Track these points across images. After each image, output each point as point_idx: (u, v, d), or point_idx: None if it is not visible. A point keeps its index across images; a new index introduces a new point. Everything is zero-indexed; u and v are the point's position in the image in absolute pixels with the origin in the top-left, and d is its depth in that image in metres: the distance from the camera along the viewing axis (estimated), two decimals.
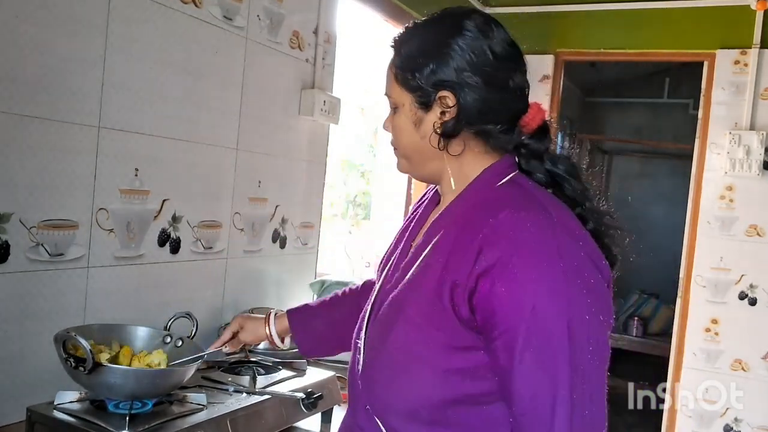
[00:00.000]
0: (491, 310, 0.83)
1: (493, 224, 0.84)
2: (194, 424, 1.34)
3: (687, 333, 3.21)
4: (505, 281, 0.81)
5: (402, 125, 0.97)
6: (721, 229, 3.13)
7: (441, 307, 0.87)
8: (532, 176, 0.96)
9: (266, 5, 2.05)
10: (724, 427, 3.11)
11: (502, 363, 0.84)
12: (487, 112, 0.92)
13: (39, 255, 1.44)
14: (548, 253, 0.82)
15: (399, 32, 1.00)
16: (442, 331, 0.87)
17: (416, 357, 0.90)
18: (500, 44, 0.93)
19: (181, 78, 1.76)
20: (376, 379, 0.95)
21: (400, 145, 1.00)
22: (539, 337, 0.81)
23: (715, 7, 3.14)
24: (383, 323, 0.95)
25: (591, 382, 0.82)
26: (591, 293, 0.83)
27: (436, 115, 0.93)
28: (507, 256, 0.82)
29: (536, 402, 0.82)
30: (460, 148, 0.95)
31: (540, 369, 0.81)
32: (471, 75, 0.91)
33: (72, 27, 1.46)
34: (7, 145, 1.36)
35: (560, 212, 0.89)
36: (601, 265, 0.87)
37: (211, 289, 1.97)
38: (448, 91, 0.92)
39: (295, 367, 1.79)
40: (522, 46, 1.00)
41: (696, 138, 3.23)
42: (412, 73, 0.93)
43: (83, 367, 1.20)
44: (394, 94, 0.97)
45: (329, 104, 2.29)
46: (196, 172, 1.86)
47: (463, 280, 0.85)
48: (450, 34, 0.92)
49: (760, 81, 3.04)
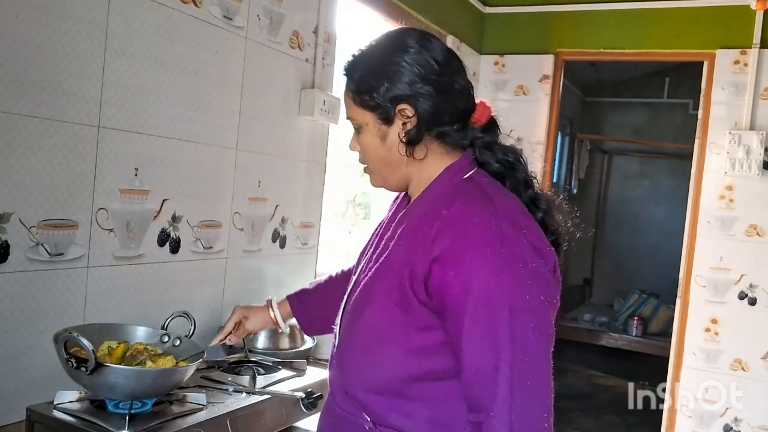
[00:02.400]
0: (443, 293, 0.93)
1: (445, 216, 0.95)
2: (194, 424, 1.34)
3: (687, 333, 3.21)
4: (454, 266, 0.92)
5: (368, 142, 1.06)
6: (721, 229, 3.13)
7: (403, 290, 0.97)
8: (488, 167, 1.06)
9: (266, 5, 2.05)
10: (724, 427, 3.11)
11: (453, 342, 0.94)
12: (442, 114, 1.02)
13: (39, 255, 1.44)
14: (491, 241, 0.92)
15: (347, 60, 1.09)
16: (404, 313, 0.97)
17: (383, 337, 1.00)
18: (440, 54, 1.03)
19: (181, 78, 1.76)
20: (347, 358, 1.06)
21: (371, 161, 1.09)
22: (482, 316, 0.91)
23: (715, 7, 3.14)
24: (355, 308, 1.06)
25: (533, 356, 0.91)
26: (533, 277, 0.93)
27: (398, 126, 1.03)
28: (455, 244, 0.93)
29: (480, 373, 0.92)
30: (423, 153, 1.04)
31: (483, 344, 0.91)
32: (422, 85, 1.01)
33: (72, 27, 1.46)
34: (7, 145, 1.36)
35: (506, 204, 0.99)
36: (545, 251, 0.96)
37: (211, 289, 1.97)
38: (405, 104, 1.01)
39: (295, 367, 1.79)
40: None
41: (696, 138, 3.23)
42: (369, 94, 1.03)
43: (85, 368, 1.20)
44: (356, 115, 1.07)
45: (329, 104, 2.29)
46: (196, 172, 1.86)
47: (419, 266, 0.95)
48: (395, 53, 1.02)
49: (760, 81, 3.04)
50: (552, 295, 0.95)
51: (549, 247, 0.98)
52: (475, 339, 0.91)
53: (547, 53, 3.48)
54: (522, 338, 0.90)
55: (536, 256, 0.94)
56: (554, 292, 0.96)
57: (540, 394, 0.92)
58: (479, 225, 0.93)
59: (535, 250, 0.95)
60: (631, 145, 6.16)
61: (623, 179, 6.34)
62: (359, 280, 1.08)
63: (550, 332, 0.95)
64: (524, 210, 1.01)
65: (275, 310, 1.42)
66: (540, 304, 0.93)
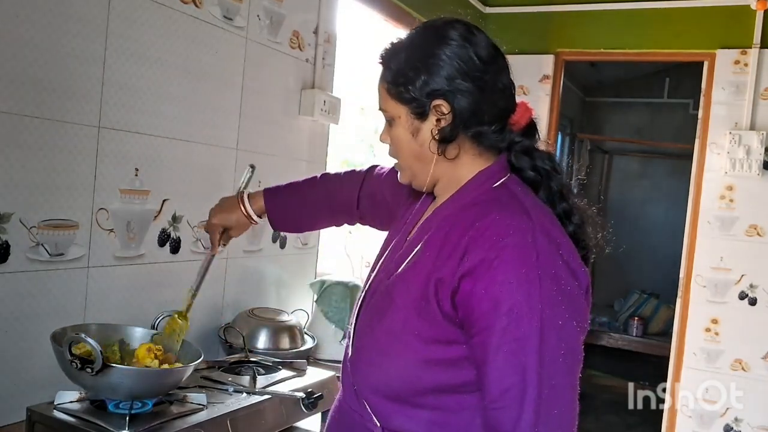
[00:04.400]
0: (471, 308, 0.88)
1: (478, 227, 0.90)
2: (194, 424, 1.34)
3: (687, 333, 3.20)
4: (486, 283, 0.87)
5: (400, 136, 1.01)
6: (721, 229, 3.13)
7: (427, 301, 0.92)
8: (522, 173, 1.01)
9: (266, 5, 2.05)
10: (724, 427, 3.11)
11: (478, 358, 0.89)
12: (481, 114, 0.96)
13: (39, 255, 1.44)
14: (527, 259, 0.86)
15: (385, 47, 1.02)
16: (426, 324, 0.92)
17: (400, 345, 0.95)
18: (484, 49, 0.97)
19: (181, 78, 1.76)
20: (362, 362, 1.02)
21: (401, 156, 1.03)
22: (513, 338, 0.86)
23: (715, 7, 3.14)
24: (373, 310, 1.02)
25: (560, 384, 0.87)
26: (566, 300, 0.87)
27: (432, 122, 0.97)
28: (489, 259, 0.87)
29: (505, 394, 0.86)
30: (456, 152, 0.98)
31: (511, 367, 0.86)
32: (462, 81, 0.94)
33: (72, 27, 1.46)
34: (7, 145, 1.36)
35: (543, 217, 0.93)
36: (580, 272, 0.91)
37: (211, 289, 1.97)
38: (442, 99, 0.95)
39: (295, 367, 1.79)
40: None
41: (696, 138, 3.22)
42: (404, 87, 0.97)
43: (91, 368, 1.20)
44: (389, 107, 1.01)
45: (329, 104, 2.29)
46: (196, 172, 1.86)
47: (448, 277, 0.90)
48: (435, 45, 0.96)
49: (760, 81, 3.04)
50: (584, 319, 0.91)
51: (583, 267, 0.92)
52: (502, 359, 0.86)
53: (547, 53, 3.48)
54: (551, 363, 0.86)
55: (571, 277, 0.89)
56: (586, 315, 0.91)
57: (565, 424, 0.88)
58: (515, 239, 0.87)
59: (569, 270, 0.89)
60: (631, 145, 6.15)
61: (623, 179, 6.34)
62: (378, 278, 1.04)
63: (580, 359, 0.90)
64: (558, 224, 0.95)
65: (247, 207, 1.33)
66: (572, 329, 0.88)
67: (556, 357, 0.86)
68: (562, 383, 0.87)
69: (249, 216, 1.34)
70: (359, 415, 1.01)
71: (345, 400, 1.06)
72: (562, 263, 0.89)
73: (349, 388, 1.04)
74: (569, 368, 0.88)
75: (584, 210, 1.02)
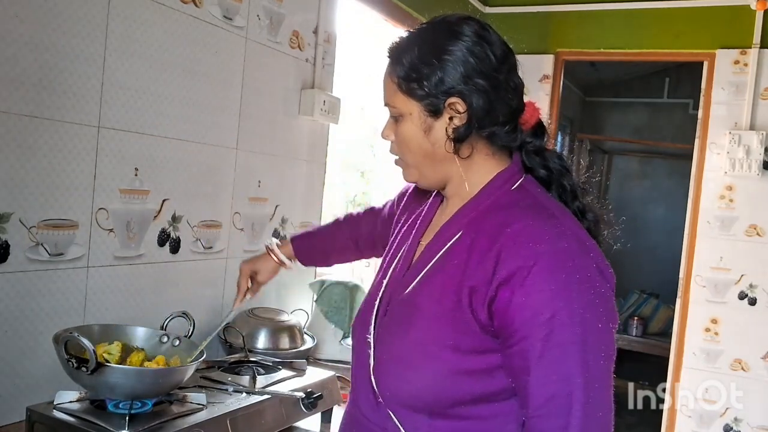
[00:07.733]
0: (511, 317, 0.86)
1: (509, 233, 0.88)
2: (194, 424, 1.34)
3: (687, 333, 3.20)
4: (525, 291, 0.85)
5: (410, 133, 0.97)
6: (721, 229, 3.13)
7: (460, 310, 0.90)
8: (533, 173, 0.99)
9: (266, 5, 2.05)
10: (724, 427, 3.11)
11: (519, 367, 0.87)
12: (495, 114, 0.94)
13: (39, 255, 1.44)
14: (564, 265, 0.85)
15: (395, 41, 0.99)
16: (460, 333, 0.90)
17: (431, 356, 0.92)
18: (499, 47, 0.95)
19: (181, 78, 1.76)
20: (390, 373, 0.97)
21: (409, 153, 1.00)
22: (556, 345, 0.84)
23: (715, 7, 3.14)
24: (397, 320, 0.98)
25: (603, 387, 0.86)
26: (602, 302, 0.86)
27: (445, 121, 0.95)
28: (527, 266, 0.85)
29: (551, 404, 0.85)
30: (468, 151, 0.96)
31: (555, 374, 0.84)
32: (478, 80, 0.92)
33: (72, 27, 1.46)
34: (7, 145, 1.36)
35: (569, 220, 0.92)
36: (608, 273, 0.90)
37: (211, 289, 1.97)
38: (458, 97, 0.93)
39: (294, 367, 1.79)
40: (522, 46, 1.00)
41: (696, 138, 3.22)
42: (418, 83, 0.94)
43: (86, 368, 1.20)
44: (398, 103, 0.97)
45: (329, 104, 2.29)
46: (196, 172, 1.86)
47: (482, 286, 0.88)
48: (450, 41, 0.93)
49: (760, 81, 3.04)
50: (616, 319, 0.89)
51: (609, 268, 0.90)
52: (546, 366, 0.85)
53: (547, 53, 3.48)
54: (594, 368, 0.85)
55: (602, 278, 0.88)
56: (617, 318, 0.90)
57: (607, 426, 0.87)
58: (549, 245, 0.86)
59: (599, 271, 0.88)
60: (631, 145, 6.15)
61: (623, 179, 6.34)
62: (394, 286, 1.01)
63: (614, 358, 0.89)
64: (581, 226, 0.94)
65: (279, 256, 1.47)
66: (609, 331, 0.87)
67: (597, 360, 0.85)
68: (605, 387, 0.86)
69: (281, 262, 1.49)
70: (380, 428, 0.98)
71: (360, 410, 1.02)
72: (594, 265, 0.88)
73: (369, 400, 1.00)
74: (609, 370, 0.87)
75: (597, 209, 1.02)
